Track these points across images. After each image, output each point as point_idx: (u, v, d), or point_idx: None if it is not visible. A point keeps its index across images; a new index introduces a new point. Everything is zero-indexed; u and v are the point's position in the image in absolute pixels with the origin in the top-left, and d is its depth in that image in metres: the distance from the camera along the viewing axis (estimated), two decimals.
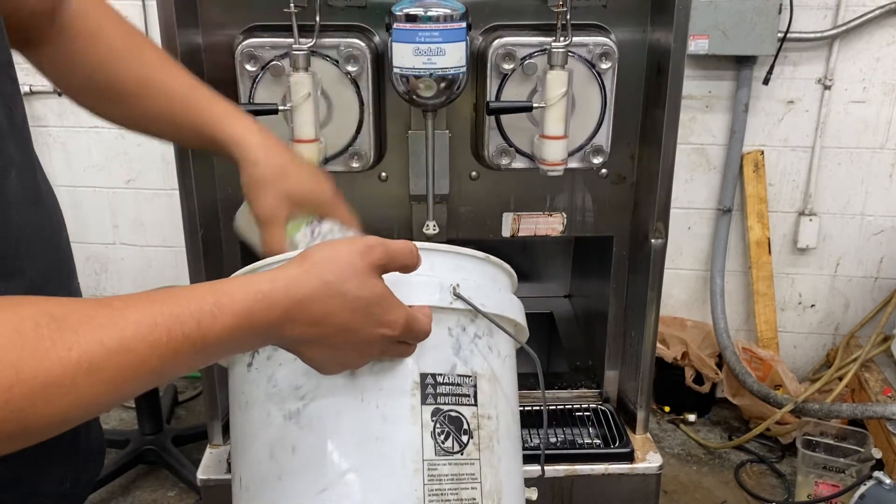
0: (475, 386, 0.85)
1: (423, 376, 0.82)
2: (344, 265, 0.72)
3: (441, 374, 0.83)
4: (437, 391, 0.82)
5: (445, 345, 0.84)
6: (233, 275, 0.84)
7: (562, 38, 1.29)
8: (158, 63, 1.01)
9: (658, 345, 2.69)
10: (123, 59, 0.98)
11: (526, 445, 1.50)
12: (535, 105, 1.31)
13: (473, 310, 0.84)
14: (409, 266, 0.78)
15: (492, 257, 0.93)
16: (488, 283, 0.91)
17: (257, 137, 0.98)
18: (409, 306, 0.78)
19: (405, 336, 0.77)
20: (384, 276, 0.76)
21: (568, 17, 1.28)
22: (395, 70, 1.26)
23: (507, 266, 0.96)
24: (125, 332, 0.61)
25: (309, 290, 0.70)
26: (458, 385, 0.84)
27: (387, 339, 0.76)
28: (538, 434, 1.54)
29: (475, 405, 0.84)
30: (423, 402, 0.81)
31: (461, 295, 0.84)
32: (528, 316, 1.35)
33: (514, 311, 0.93)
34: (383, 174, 1.46)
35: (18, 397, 0.57)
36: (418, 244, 0.81)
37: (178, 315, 0.63)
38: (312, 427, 0.80)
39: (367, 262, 0.73)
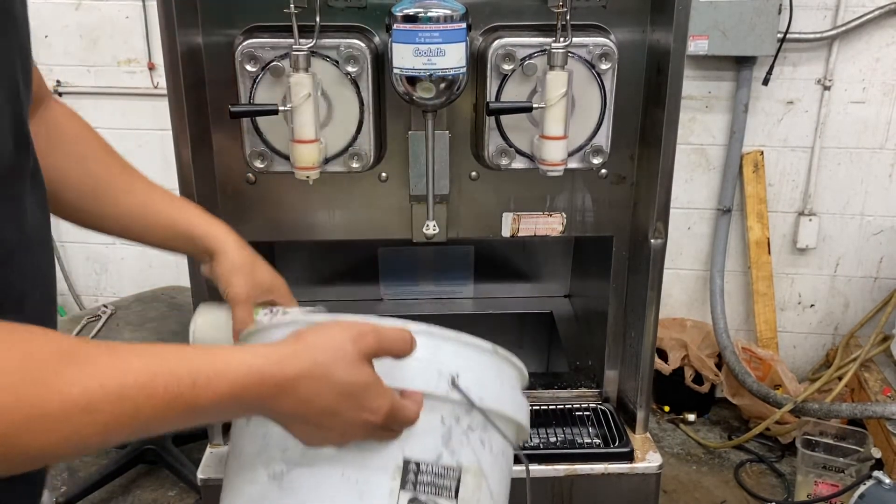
0: (458, 479, 0.83)
1: (407, 462, 0.81)
2: (335, 349, 0.74)
3: (425, 463, 0.81)
4: (418, 479, 0.81)
5: (435, 433, 0.82)
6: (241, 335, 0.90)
7: (562, 39, 1.29)
8: (133, 168, 1.10)
9: (657, 358, 2.70)
10: (109, 162, 1.07)
11: (526, 445, 1.50)
12: (535, 105, 1.31)
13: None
14: (401, 354, 0.79)
15: (500, 350, 0.89)
16: (492, 376, 0.87)
17: (232, 236, 1.10)
18: (403, 390, 0.79)
19: (389, 423, 0.78)
20: (379, 359, 0.77)
21: (568, 17, 1.29)
22: (395, 71, 1.26)
23: (518, 361, 0.92)
24: (126, 378, 0.63)
25: (300, 369, 0.72)
26: (441, 476, 0.82)
27: (370, 424, 0.77)
28: (538, 434, 1.54)
29: (455, 499, 0.82)
30: (402, 487, 0.80)
31: (458, 386, 0.82)
32: (528, 316, 1.35)
33: (516, 409, 0.89)
34: (383, 174, 1.47)
35: (11, 423, 0.58)
36: (423, 328, 0.81)
37: (176, 372, 0.66)
38: (293, 491, 0.81)
39: (358, 349, 0.75)
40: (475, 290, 2.05)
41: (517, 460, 0.91)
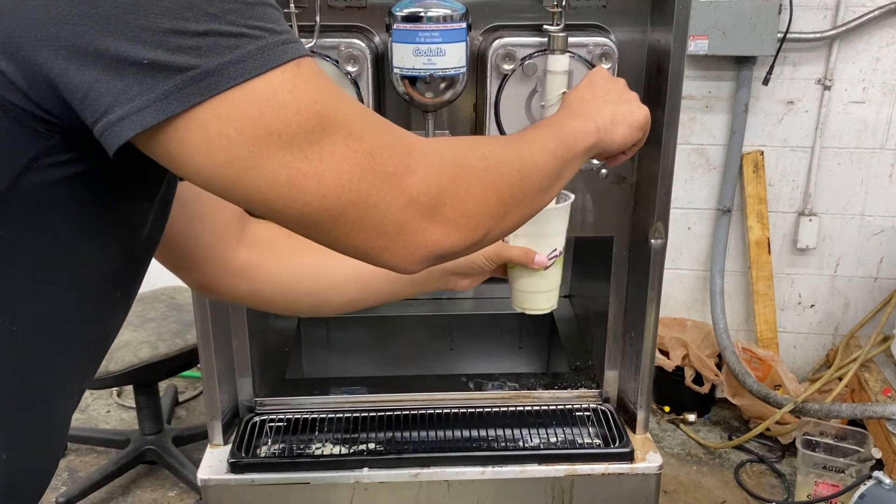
0: None
1: None
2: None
3: None
4: None
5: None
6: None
7: (558, 24, 1.29)
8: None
9: (658, 354, 2.70)
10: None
11: (525, 445, 1.50)
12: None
13: None
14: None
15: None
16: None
17: None
18: None
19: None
20: None
21: (563, 19, 1.29)
22: (395, 70, 1.26)
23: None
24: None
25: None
26: None
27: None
28: (538, 433, 1.54)
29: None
30: None
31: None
32: (528, 316, 1.35)
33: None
34: None
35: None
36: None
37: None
38: None
39: None
40: (475, 290, 2.05)
41: None
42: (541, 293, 1.26)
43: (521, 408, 1.59)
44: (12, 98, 0.58)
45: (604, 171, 1.45)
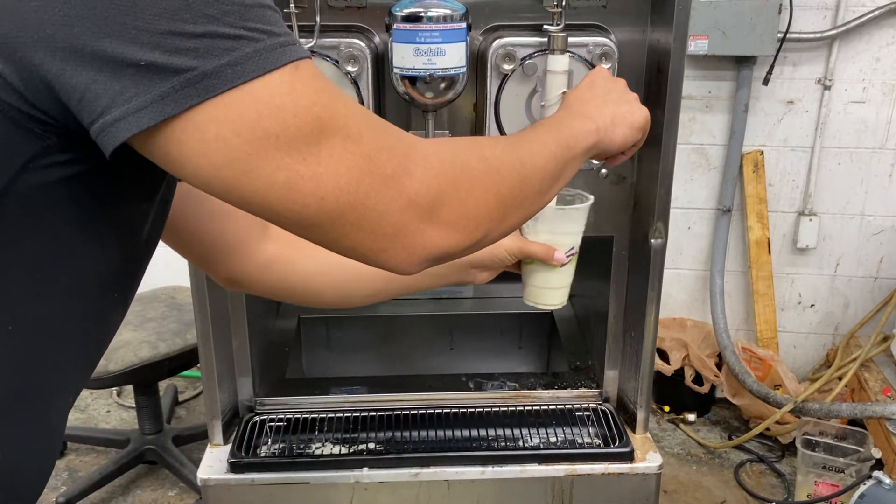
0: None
1: None
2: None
3: None
4: None
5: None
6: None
7: (558, 24, 1.29)
8: None
9: (658, 360, 2.70)
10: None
11: (525, 445, 1.50)
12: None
13: None
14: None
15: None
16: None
17: None
18: None
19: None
20: None
21: (563, 19, 1.29)
22: (395, 70, 1.26)
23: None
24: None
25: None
26: None
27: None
28: (538, 433, 1.54)
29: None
30: None
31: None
32: (528, 316, 1.35)
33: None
34: None
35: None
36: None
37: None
38: None
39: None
40: (475, 290, 2.05)
41: None
42: (554, 289, 1.28)
43: (521, 408, 1.60)
44: (9, 99, 0.58)
45: (604, 171, 1.45)
